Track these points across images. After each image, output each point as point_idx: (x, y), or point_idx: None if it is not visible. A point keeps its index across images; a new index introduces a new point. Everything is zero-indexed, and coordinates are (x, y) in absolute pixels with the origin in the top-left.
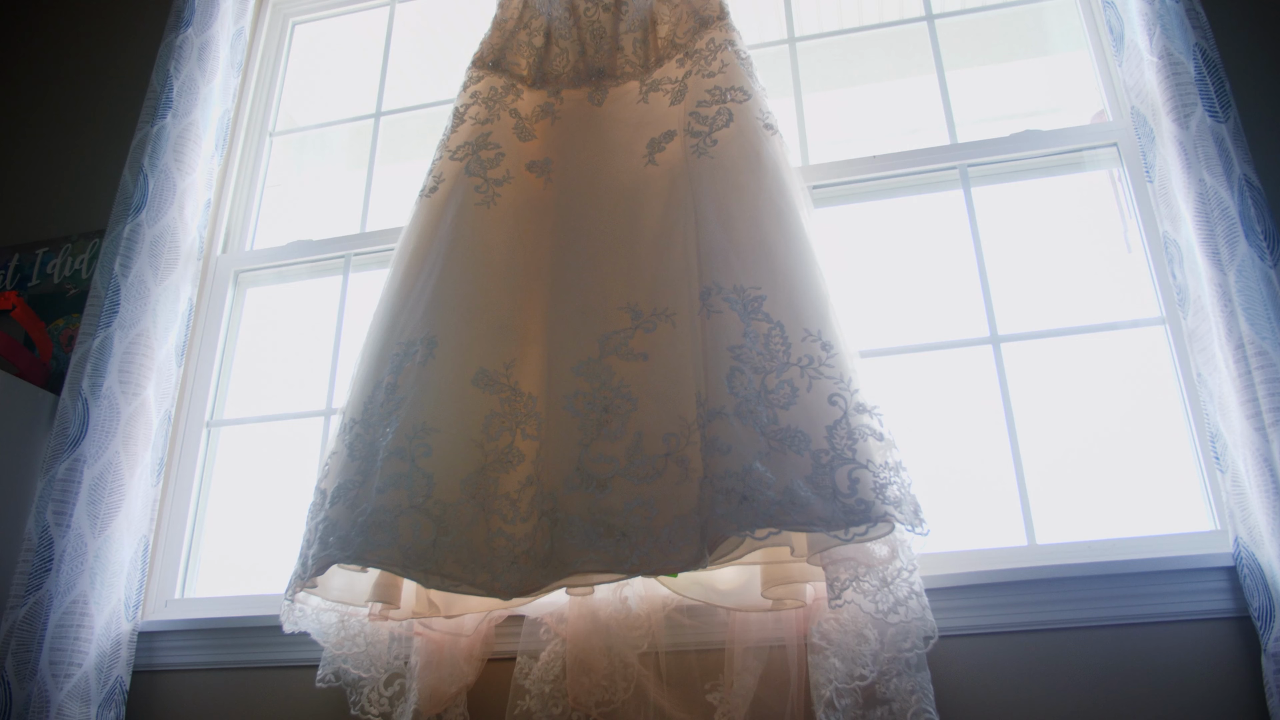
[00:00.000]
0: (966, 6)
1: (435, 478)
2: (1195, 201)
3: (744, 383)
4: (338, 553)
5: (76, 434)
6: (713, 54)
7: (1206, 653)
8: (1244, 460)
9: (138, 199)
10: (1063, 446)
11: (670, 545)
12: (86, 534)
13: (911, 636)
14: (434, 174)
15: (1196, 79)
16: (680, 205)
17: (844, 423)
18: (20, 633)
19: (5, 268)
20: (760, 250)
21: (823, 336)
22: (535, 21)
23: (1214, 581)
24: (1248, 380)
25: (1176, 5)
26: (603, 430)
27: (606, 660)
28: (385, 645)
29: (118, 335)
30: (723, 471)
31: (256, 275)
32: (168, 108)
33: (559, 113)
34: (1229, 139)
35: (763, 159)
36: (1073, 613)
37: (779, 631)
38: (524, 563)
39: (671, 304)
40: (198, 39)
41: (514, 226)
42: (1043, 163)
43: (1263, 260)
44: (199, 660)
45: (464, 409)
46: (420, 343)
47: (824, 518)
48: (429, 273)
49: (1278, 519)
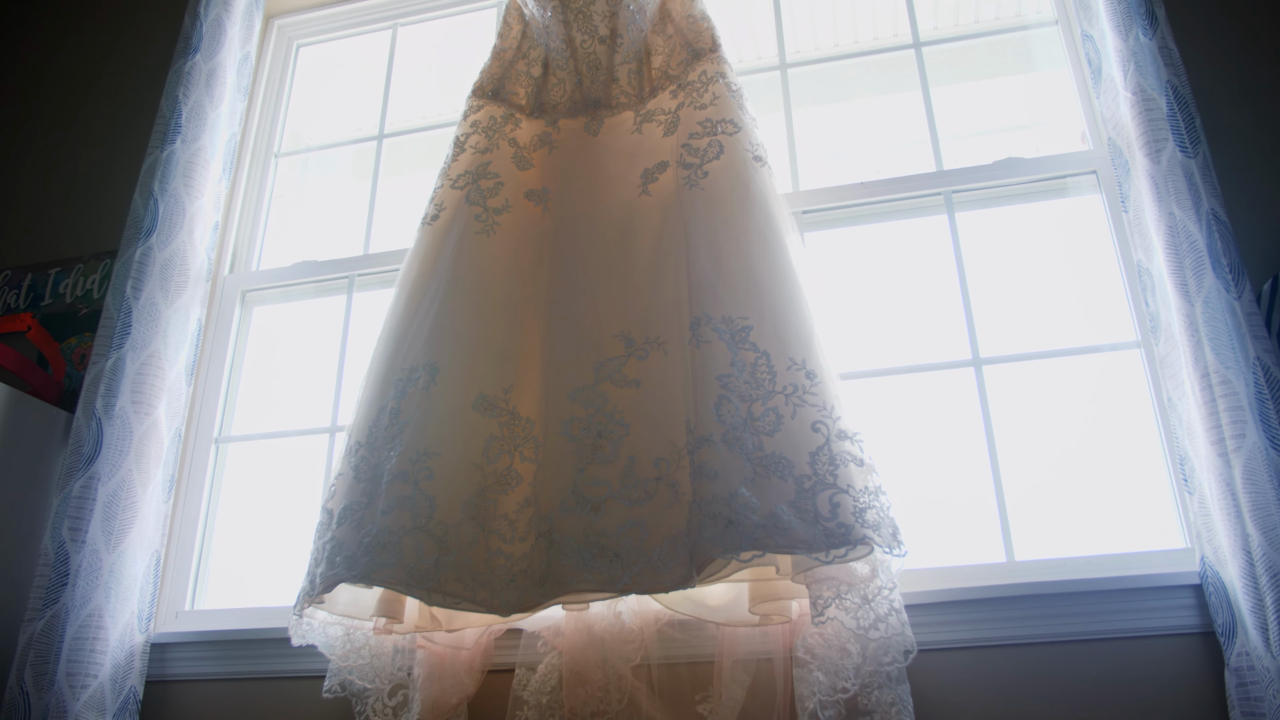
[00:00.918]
0: (953, 34)
1: (437, 500)
2: (1165, 234)
3: (731, 411)
4: (344, 572)
5: (91, 452)
6: (704, 86)
7: (1175, 667)
8: (1209, 483)
9: (148, 223)
10: (1042, 465)
11: (661, 566)
12: (101, 549)
13: (892, 651)
14: (435, 202)
15: (1168, 115)
16: (672, 236)
17: (826, 449)
18: (38, 645)
19: (19, 287)
20: (748, 281)
21: (807, 365)
22: (534, 52)
23: (1182, 599)
24: (1212, 407)
25: (1150, 43)
26: (597, 455)
27: (601, 672)
28: (389, 657)
29: (130, 356)
30: (710, 496)
31: (263, 295)
32: (177, 133)
33: (556, 142)
34: (1198, 174)
35: (751, 191)
36: (1048, 628)
37: (766, 645)
38: (522, 581)
39: (663, 332)
40: (205, 65)
41: (513, 254)
42: (1027, 189)
43: (1228, 292)
44: (210, 671)
45: (465, 433)
46: (423, 369)
47: (806, 541)
48: (431, 300)
49: (1238, 540)
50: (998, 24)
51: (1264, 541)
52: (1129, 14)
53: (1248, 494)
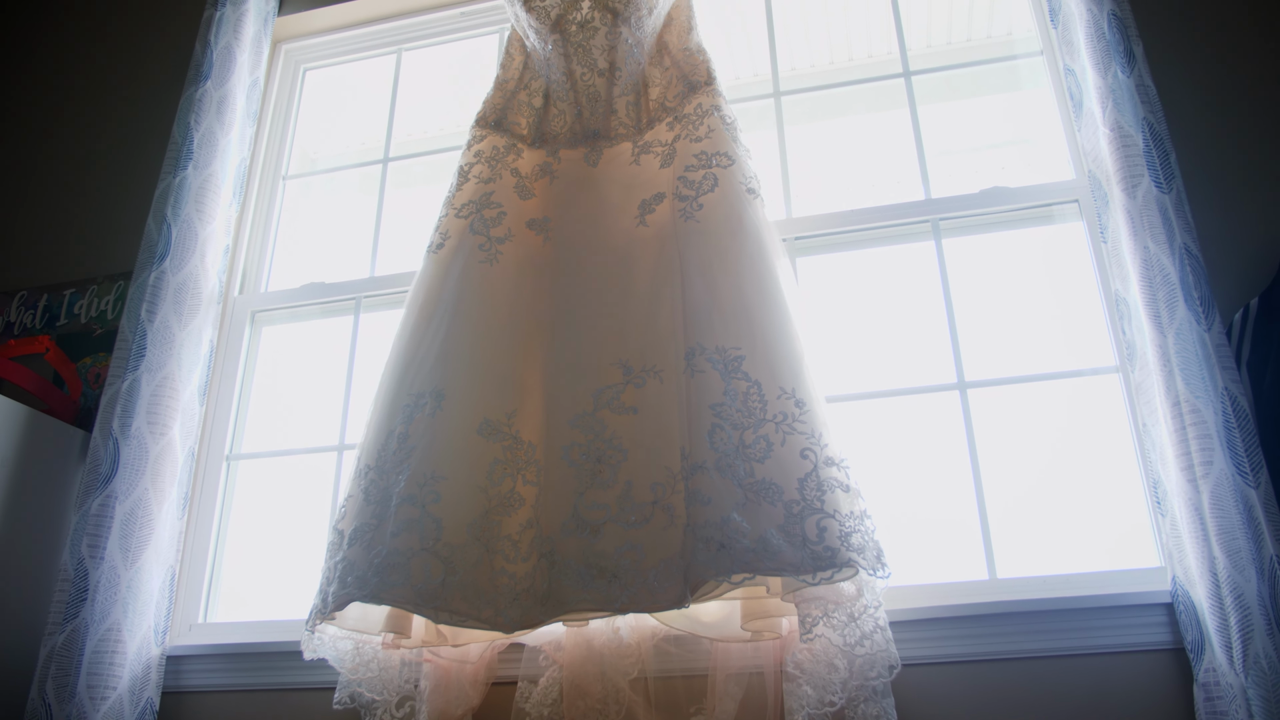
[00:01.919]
0: (943, 63)
1: (444, 522)
2: (1140, 266)
3: (724, 438)
4: (356, 591)
5: (108, 472)
6: (700, 119)
7: (1148, 682)
8: (1179, 507)
9: (161, 247)
10: (1024, 485)
11: (657, 586)
12: (119, 566)
13: (877, 666)
14: (440, 230)
15: (1144, 151)
16: (668, 267)
17: (814, 475)
18: (59, 658)
19: (35, 307)
20: (741, 312)
21: (796, 394)
22: (535, 83)
23: (1155, 616)
24: (1182, 435)
25: (1128, 80)
26: (596, 479)
27: (600, 685)
28: (397, 670)
29: (145, 378)
30: (703, 521)
31: (272, 315)
32: (188, 159)
33: (557, 172)
34: (1171, 209)
35: (744, 224)
36: (1029, 644)
37: (757, 660)
38: (525, 600)
39: (659, 361)
40: (216, 92)
41: (515, 283)
42: (1013, 215)
43: (1199, 324)
44: (224, 682)
45: (470, 458)
46: (429, 395)
47: (794, 564)
48: (436, 328)
49: (1205, 563)
50: (986, 53)
51: (1229, 564)
52: (1108, 52)
53: (1214, 518)
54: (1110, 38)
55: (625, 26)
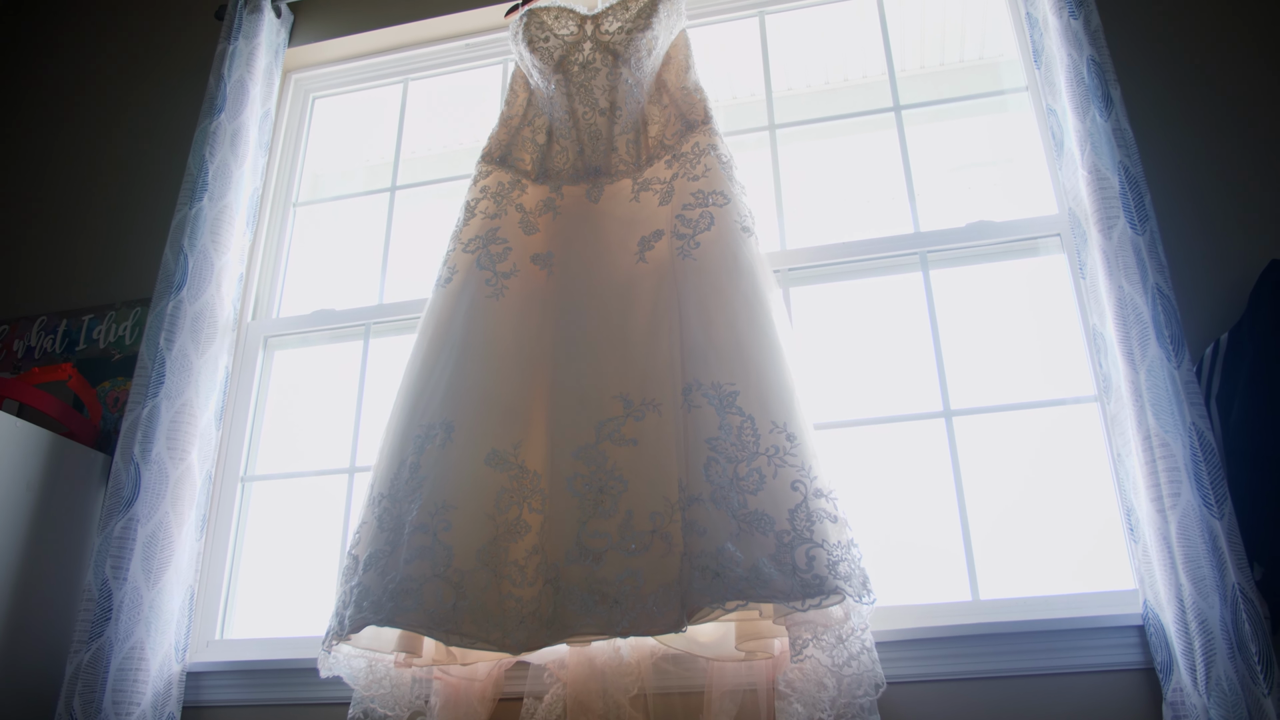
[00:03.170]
0: (932, 96)
1: (454, 549)
2: (1115, 305)
3: (719, 471)
4: (371, 615)
5: (130, 496)
6: (697, 158)
7: (1122, 700)
8: (1149, 535)
9: (179, 277)
10: (1007, 509)
11: (656, 611)
12: (142, 587)
13: (864, 685)
14: (449, 265)
15: (1120, 193)
16: (666, 304)
17: (804, 506)
18: (86, 675)
19: (55, 332)
20: (735, 349)
21: (788, 428)
22: (539, 120)
23: (1129, 638)
24: (1152, 467)
25: (1105, 125)
26: (598, 509)
27: (602, 702)
28: (408, 687)
29: (164, 405)
30: (699, 551)
31: (284, 339)
32: (204, 191)
33: (560, 208)
34: (1145, 250)
35: (739, 263)
36: (1009, 663)
37: (751, 678)
38: (531, 622)
39: (658, 395)
40: (230, 125)
41: (520, 316)
42: (998, 248)
43: (1169, 361)
44: (241, 697)
45: (478, 487)
46: (439, 426)
47: (784, 591)
48: (445, 362)
49: (1173, 589)
50: (977, 77)
51: (1194, 591)
52: (1087, 96)
53: (1181, 547)
54: (1089, 82)
55: (625, 67)
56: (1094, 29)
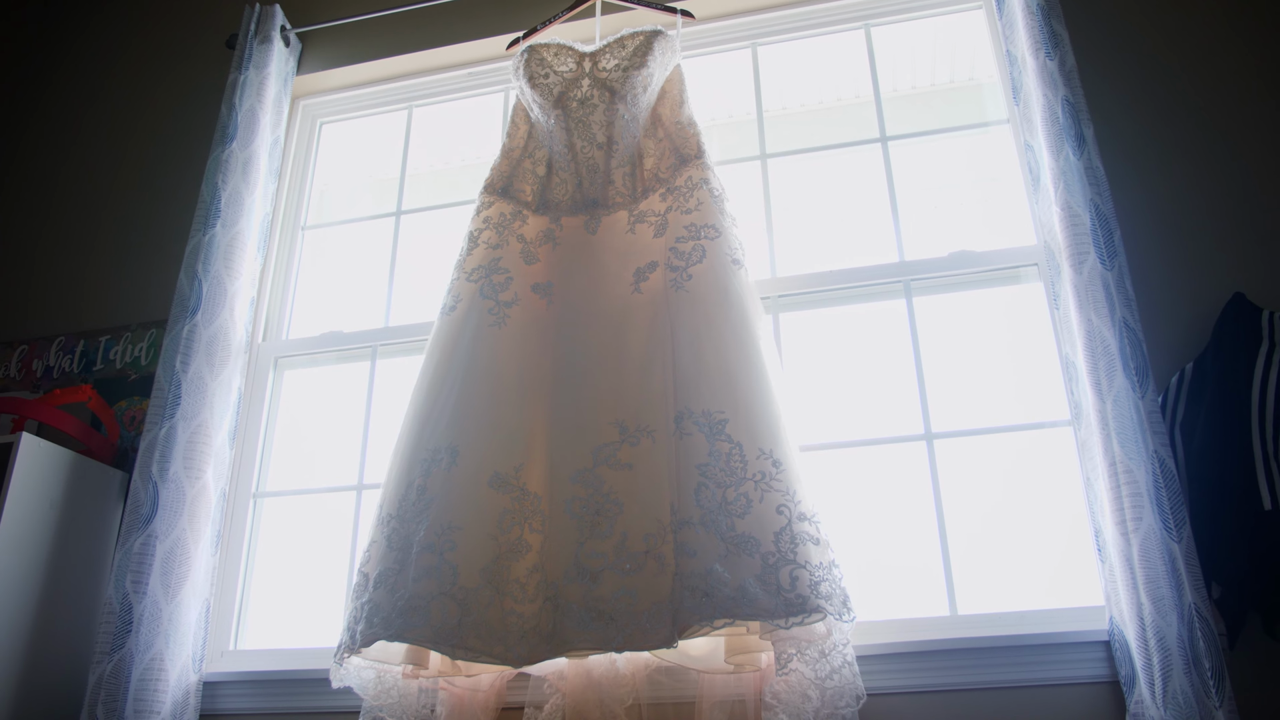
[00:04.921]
0: (921, 117)
1: (459, 568)
2: (1084, 337)
3: (708, 496)
4: (381, 631)
5: (148, 513)
6: (690, 191)
7: (1088, 711)
8: (1114, 556)
9: (193, 302)
10: (983, 528)
11: (649, 628)
12: (161, 601)
13: (845, 697)
14: (453, 293)
15: (1091, 230)
16: (660, 334)
17: (788, 529)
18: (108, 685)
19: (72, 352)
20: (725, 378)
21: (774, 454)
22: (539, 152)
23: (1096, 653)
24: (1117, 492)
25: (1078, 163)
26: (595, 531)
27: (599, 712)
28: (415, 698)
29: (181, 426)
30: (690, 571)
31: (293, 359)
32: (216, 218)
33: (559, 239)
34: (1113, 285)
35: (730, 294)
36: (984, 676)
37: (740, 689)
38: (532, 638)
39: (652, 421)
40: (242, 153)
41: (521, 344)
42: (980, 277)
43: (1134, 392)
44: (256, 706)
45: (482, 509)
46: (445, 450)
47: (769, 610)
48: (450, 388)
49: (1134, 607)
50: (964, 102)
51: (1154, 610)
52: (1060, 135)
53: (1143, 569)
54: (1063, 121)
55: (622, 104)
56: (1069, 70)
